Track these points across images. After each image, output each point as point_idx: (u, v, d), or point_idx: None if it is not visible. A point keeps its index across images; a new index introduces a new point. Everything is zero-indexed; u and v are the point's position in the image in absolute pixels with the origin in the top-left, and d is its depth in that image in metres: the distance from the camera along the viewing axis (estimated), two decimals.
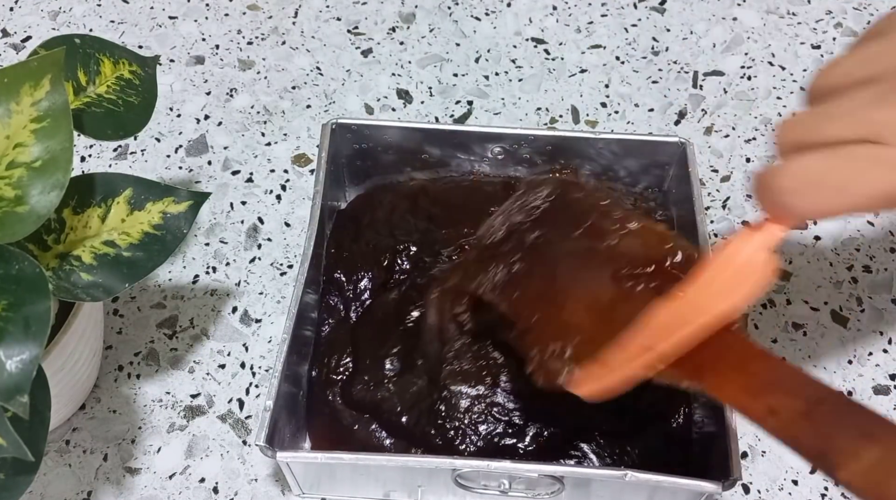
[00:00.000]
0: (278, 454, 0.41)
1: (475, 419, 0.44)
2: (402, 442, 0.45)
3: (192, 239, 0.58)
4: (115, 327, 0.54)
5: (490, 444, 0.44)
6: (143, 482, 0.48)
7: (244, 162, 0.62)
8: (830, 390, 0.30)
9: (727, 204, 0.60)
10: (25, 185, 0.35)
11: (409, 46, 0.69)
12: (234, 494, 0.48)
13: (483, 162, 0.55)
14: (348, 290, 0.50)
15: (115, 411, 0.50)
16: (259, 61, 0.68)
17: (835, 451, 0.28)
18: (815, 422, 0.29)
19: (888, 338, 0.54)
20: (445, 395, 0.45)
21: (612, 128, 0.64)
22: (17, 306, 0.32)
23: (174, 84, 0.66)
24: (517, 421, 0.44)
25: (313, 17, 0.71)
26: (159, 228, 0.42)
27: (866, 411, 0.29)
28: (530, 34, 0.70)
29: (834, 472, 0.28)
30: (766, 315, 0.55)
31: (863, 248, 0.58)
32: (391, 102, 0.65)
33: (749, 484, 0.48)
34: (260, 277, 0.56)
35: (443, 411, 0.45)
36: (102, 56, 0.44)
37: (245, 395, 0.51)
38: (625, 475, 0.40)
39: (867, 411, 0.29)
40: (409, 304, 0.48)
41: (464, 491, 0.43)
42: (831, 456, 0.28)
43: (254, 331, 0.54)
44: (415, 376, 0.46)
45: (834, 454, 0.28)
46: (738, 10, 0.71)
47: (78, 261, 0.40)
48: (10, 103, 0.35)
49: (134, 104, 0.44)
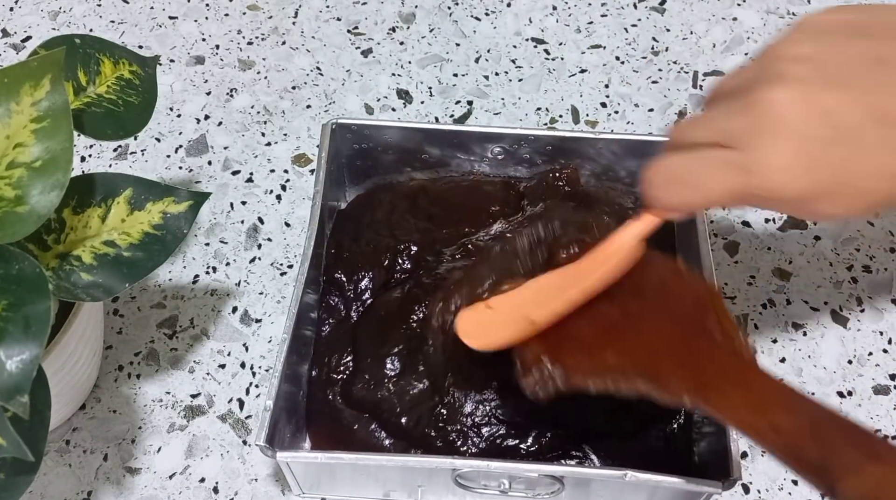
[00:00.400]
0: (278, 454, 0.41)
1: (477, 421, 0.44)
2: (402, 442, 0.45)
3: (192, 239, 0.58)
4: (115, 327, 0.54)
5: (491, 445, 0.44)
6: (143, 482, 0.48)
7: (244, 162, 0.62)
8: (834, 412, 0.31)
9: None
10: (25, 185, 0.35)
11: (409, 46, 0.69)
12: (235, 494, 0.48)
13: (483, 162, 0.55)
14: (349, 290, 0.50)
15: (115, 411, 0.50)
16: (259, 61, 0.68)
17: (838, 466, 0.29)
18: (818, 439, 0.30)
19: (888, 338, 0.54)
20: (448, 400, 0.45)
21: (612, 128, 0.64)
22: (18, 306, 0.32)
23: (174, 84, 0.66)
24: (518, 422, 0.44)
25: (313, 17, 0.71)
26: (159, 228, 0.42)
27: (870, 432, 0.30)
28: (530, 34, 0.70)
29: (834, 485, 0.28)
30: (766, 315, 0.55)
31: (863, 248, 0.58)
32: (391, 102, 0.65)
33: (749, 484, 0.48)
34: (260, 277, 0.56)
35: (444, 414, 0.45)
36: (102, 56, 0.44)
37: (245, 395, 0.51)
38: (625, 475, 0.40)
39: (871, 432, 0.30)
40: (411, 304, 0.48)
41: (464, 491, 0.43)
42: (833, 471, 0.29)
43: (254, 331, 0.54)
44: (416, 376, 0.46)
45: (836, 469, 0.29)
46: (738, 10, 0.71)
47: (78, 261, 0.40)
48: (10, 103, 0.35)
49: (134, 104, 0.44)
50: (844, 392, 0.52)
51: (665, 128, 0.64)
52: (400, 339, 0.47)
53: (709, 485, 0.40)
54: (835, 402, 0.51)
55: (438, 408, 0.45)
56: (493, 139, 0.53)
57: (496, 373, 0.45)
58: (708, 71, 0.67)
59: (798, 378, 0.52)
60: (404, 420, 0.45)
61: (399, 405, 0.45)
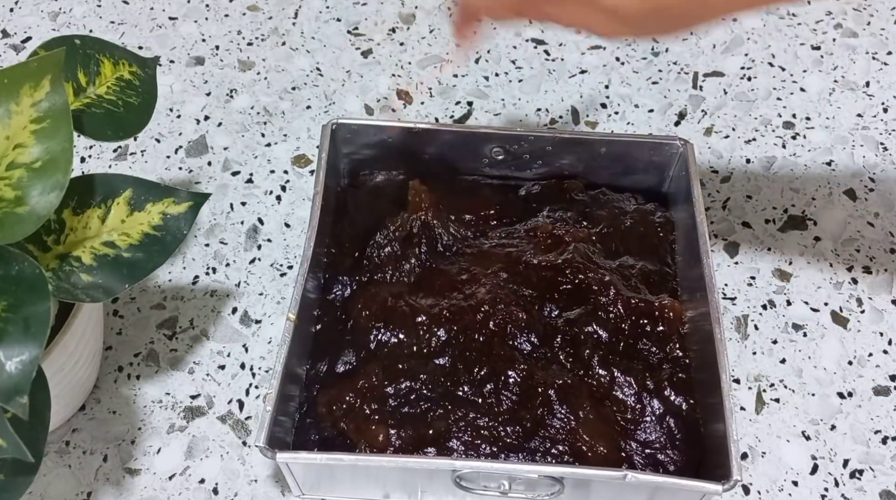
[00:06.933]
0: (278, 454, 0.41)
1: (477, 422, 0.44)
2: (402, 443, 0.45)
3: (191, 240, 0.58)
4: (114, 328, 0.54)
5: (491, 445, 0.44)
6: (142, 483, 0.48)
7: (244, 163, 0.62)
8: None
9: (727, 204, 0.60)
10: (25, 186, 0.35)
11: (409, 47, 0.69)
12: (234, 495, 0.48)
13: (483, 162, 0.55)
14: (349, 290, 0.50)
15: (114, 412, 0.50)
16: (259, 62, 0.68)
17: None
18: None
19: (888, 339, 0.54)
20: (449, 402, 0.45)
21: (612, 128, 0.64)
22: (17, 307, 0.32)
23: (174, 85, 0.66)
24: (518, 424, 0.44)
25: (313, 17, 0.71)
26: (159, 228, 0.42)
27: None
28: (530, 35, 0.70)
29: None
30: (766, 315, 0.55)
31: (863, 249, 0.58)
32: (391, 102, 0.65)
33: (749, 485, 0.48)
34: (260, 277, 0.56)
35: (444, 414, 0.44)
36: (102, 57, 0.44)
37: (245, 396, 0.51)
38: (625, 475, 0.40)
39: None
40: (411, 305, 0.48)
41: (464, 492, 0.43)
42: None
43: (254, 332, 0.54)
44: (417, 377, 0.46)
45: None
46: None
47: (78, 262, 0.40)
48: (10, 104, 0.35)
49: (134, 105, 0.44)
50: (844, 393, 0.52)
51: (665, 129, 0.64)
52: (400, 340, 0.47)
53: (709, 486, 0.40)
54: (835, 403, 0.51)
55: (439, 408, 0.45)
56: (493, 139, 0.53)
57: (496, 373, 0.45)
58: (708, 72, 0.67)
59: (798, 379, 0.52)
60: (404, 420, 0.45)
61: (399, 405, 0.45)
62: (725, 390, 0.42)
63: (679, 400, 0.45)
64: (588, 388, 0.46)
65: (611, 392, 0.46)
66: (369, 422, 0.44)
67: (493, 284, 0.48)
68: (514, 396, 0.45)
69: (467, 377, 0.46)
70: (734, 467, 0.40)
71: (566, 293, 0.48)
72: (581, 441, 0.44)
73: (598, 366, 0.46)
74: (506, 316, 0.47)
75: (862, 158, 0.62)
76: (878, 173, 0.61)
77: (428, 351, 0.47)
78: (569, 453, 0.44)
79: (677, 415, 0.45)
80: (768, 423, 0.50)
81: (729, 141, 0.63)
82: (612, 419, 0.45)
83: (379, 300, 0.48)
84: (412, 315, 0.47)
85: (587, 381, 0.46)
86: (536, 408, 0.44)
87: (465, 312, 0.47)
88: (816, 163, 0.62)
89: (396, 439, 0.44)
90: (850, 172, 0.61)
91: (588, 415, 0.44)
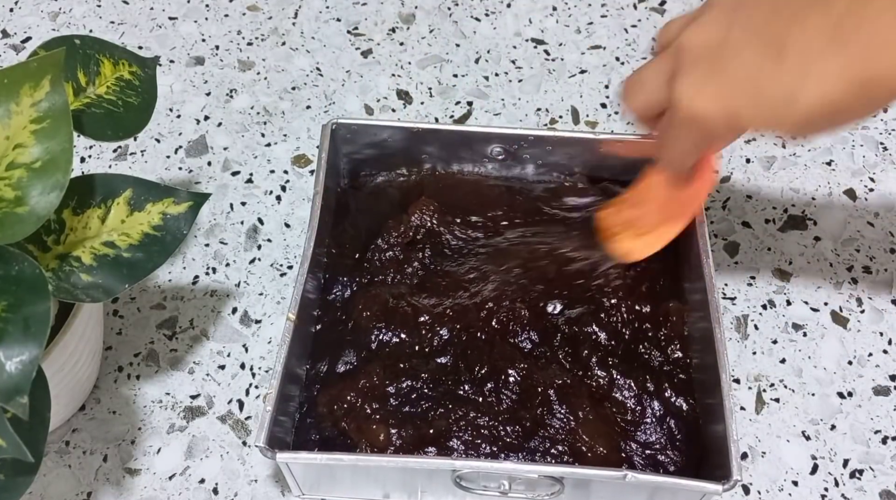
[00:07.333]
0: (278, 454, 0.41)
1: (477, 422, 0.44)
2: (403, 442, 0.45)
3: (191, 240, 0.58)
4: (114, 328, 0.54)
5: (491, 445, 0.44)
6: (142, 483, 0.48)
7: (244, 163, 0.62)
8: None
9: (727, 204, 0.60)
10: (25, 186, 0.35)
11: (408, 47, 0.69)
12: (234, 495, 0.48)
13: (483, 162, 0.55)
14: (349, 291, 0.50)
15: (114, 412, 0.50)
16: (259, 62, 0.68)
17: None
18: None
19: (888, 339, 0.54)
20: (449, 403, 0.45)
21: (612, 128, 0.64)
22: (17, 307, 0.32)
23: (174, 85, 0.66)
24: (518, 423, 0.44)
25: (313, 17, 0.71)
26: (159, 228, 0.42)
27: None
28: (530, 35, 0.70)
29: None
30: (766, 315, 0.55)
31: (863, 248, 0.58)
32: (391, 102, 0.65)
33: (749, 485, 0.48)
34: (260, 277, 0.56)
35: (443, 414, 0.44)
36: (102, 57, 0.44)
37: (245, 396, 0.51)
38: (625, 475, 0.40)
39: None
40: (413, 305, 0.48)
41: (464, 492, 0.43)
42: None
43: (254, 332, 0.54)
44: (417, 377, 0.46)
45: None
46: None
47: (78, 262, 0.40)
48: (10, 104, 0.35)
49: (134, 105, 0.44)
50: (844, 393, 0.52)
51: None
52: (400, 340, 0.47)
53: (709, 486, 0.40)
54: (835, 403, 0.51)
55: (439, 408, 0.45)
56: (493, 139, 0.53)
57: (497, 371, 0.45)
58: None
59: (798, 379, 0.52)
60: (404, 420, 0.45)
61: (399, 405, 0.45)
62: (725, 390, 0.42)
63: (679, 400, 0.46)
64: (588, 388, 0.46)
65: (611, 392, 0.46)
66: (370, 421, 0.44)
67: (501, 280, 0.48)
68: (515, 395, 0.45)
69: (468, 376, 0.46)
70: (734, 467, 0.40)
71: (573, 290, 0.48)
72: (581, 441, 0.44)
73: (597, 366, 0.46)
74: (509, 313, 0.47)
75: (862, 158, 0.62)
76: (878, 173, 0.61)
77: (430, 350, 0.47)
78: (569, 453, 0.44)
79: (677, 415, 0.45)
80: (768, 423, 0.50)
81: None
82: (612, 419, 0.45)
83: (380, 301, 0.48)
84: (414, 315, 0.47)
85: (587, 381, 0.46)
86: (536, 408, 0.45)
87: (469, 309, 0.47)
88: (816, 163, 0.62)
89: (397, 438, 0.44)
90: (850, 172, 0.61)
91: (588, 415, 0.45)
